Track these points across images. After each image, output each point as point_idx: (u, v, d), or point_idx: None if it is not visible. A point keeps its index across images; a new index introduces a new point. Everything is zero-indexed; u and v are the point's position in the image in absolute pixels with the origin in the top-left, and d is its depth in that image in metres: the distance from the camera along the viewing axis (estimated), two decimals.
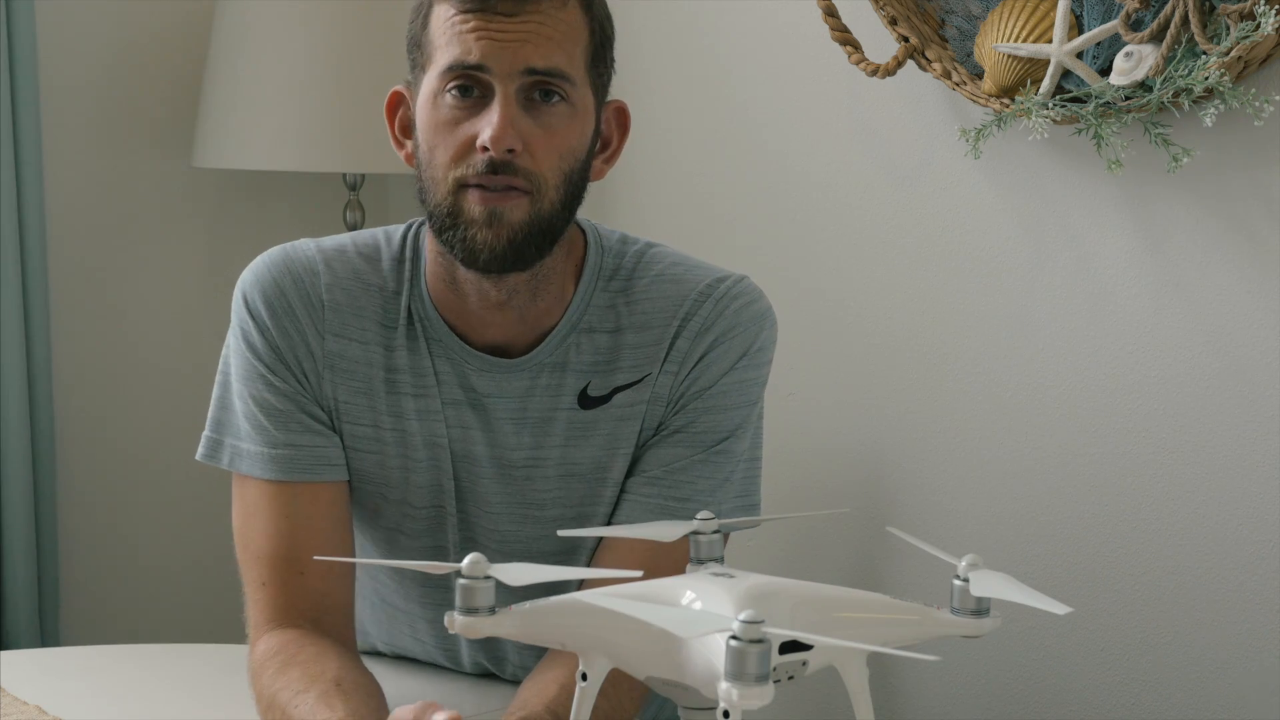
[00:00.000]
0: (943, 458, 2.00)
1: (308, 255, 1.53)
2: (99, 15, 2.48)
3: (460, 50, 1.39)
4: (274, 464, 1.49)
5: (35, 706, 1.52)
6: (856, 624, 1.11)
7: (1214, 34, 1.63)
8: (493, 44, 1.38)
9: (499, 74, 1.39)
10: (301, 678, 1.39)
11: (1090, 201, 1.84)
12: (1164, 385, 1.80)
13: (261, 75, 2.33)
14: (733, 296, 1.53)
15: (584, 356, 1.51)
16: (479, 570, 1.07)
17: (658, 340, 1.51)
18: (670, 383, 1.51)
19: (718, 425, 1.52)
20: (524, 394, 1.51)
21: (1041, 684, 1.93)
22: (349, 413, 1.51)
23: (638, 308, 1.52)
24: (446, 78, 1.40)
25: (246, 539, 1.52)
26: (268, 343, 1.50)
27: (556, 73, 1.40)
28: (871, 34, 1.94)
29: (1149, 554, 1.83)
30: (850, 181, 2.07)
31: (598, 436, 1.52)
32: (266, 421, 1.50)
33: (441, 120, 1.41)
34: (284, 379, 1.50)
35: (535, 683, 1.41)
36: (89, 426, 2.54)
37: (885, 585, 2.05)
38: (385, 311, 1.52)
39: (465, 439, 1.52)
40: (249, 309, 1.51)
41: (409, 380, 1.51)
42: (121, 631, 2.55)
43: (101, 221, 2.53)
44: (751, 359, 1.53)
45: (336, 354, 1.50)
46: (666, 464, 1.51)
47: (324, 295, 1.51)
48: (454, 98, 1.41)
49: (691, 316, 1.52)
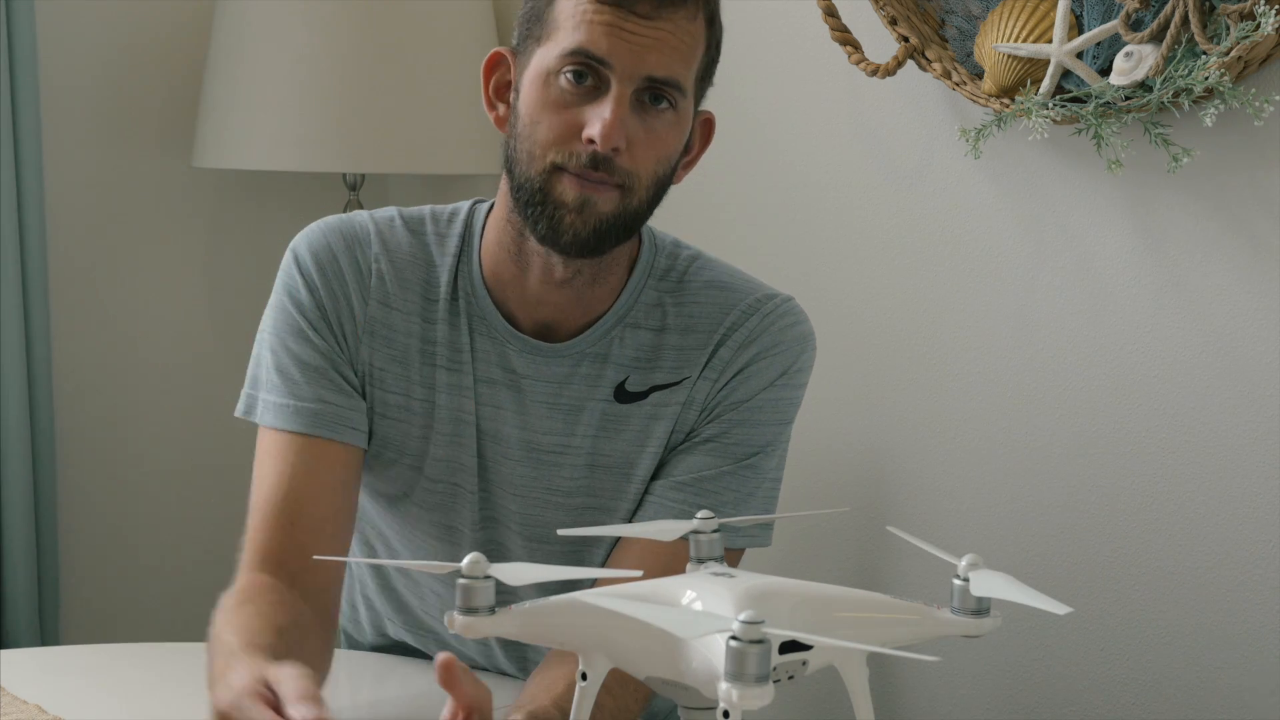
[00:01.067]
0: (943, 457, 2.00)
1: (361, 223, 1.56)
2: (99, 15, 2.48)
3: (587, 38, 1.40)
4: (296, 416, 1.51)
5: (35, 706, 1.52)
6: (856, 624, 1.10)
7: (1214, 34, 1.63)
8: (622, 42, 1.39)
9: (620, 73, 1.40)
10: (252, 615, 1.38)
11: (1090, 201, 1.84)
12: (1164, 385, 1.80)
13: (261, 75, 2.33)
14: (780, 314, 1.56)
15: (626, 350, 1.53)
16: (479, 570, 1.07)
17: (701, 345, 1.53)
18: (708, 389, 1.53)
19: (750, 439, 1.53)
20: (562, 380, 1.52)
21: (1041, 684, 1.93)
22: (381, 379, 1.53)
23: (685, 310, 1.54)
24: (566, 60, 1.41)
25: (254, 486, 1.53)
26: (315, 300, 1.52)
27: (673, 83, 1.42)
28: (871, 34, 1.95)
29: (1149, 554, 1.83)
30: (850, 181, 2.07)
31: (629, 431, 1.53)
32: (299, 374, 1.51)
33: (551, 99, 1.42)
34: (324, 336, 1.52)
35: (543, 678, 1.41)
36: (89, 426, 2.54)
37: (885, 585, 2.05)
38: (428, 284, 1.54)
39: (496, 418, 1.53)
40: (299, 265, 1.53)
41: (445, 354, 1.53)
42: (121, 631, 2.56)
43: (101, 221, 2.53)
44: (790, 378, 1.55)
45: (378, 320, 1.52)
46: (696, 471, 1.53)
47: (373, 263, 1.53)
48: (568, 81, 1.41)
49: (738, 327, 1.54)
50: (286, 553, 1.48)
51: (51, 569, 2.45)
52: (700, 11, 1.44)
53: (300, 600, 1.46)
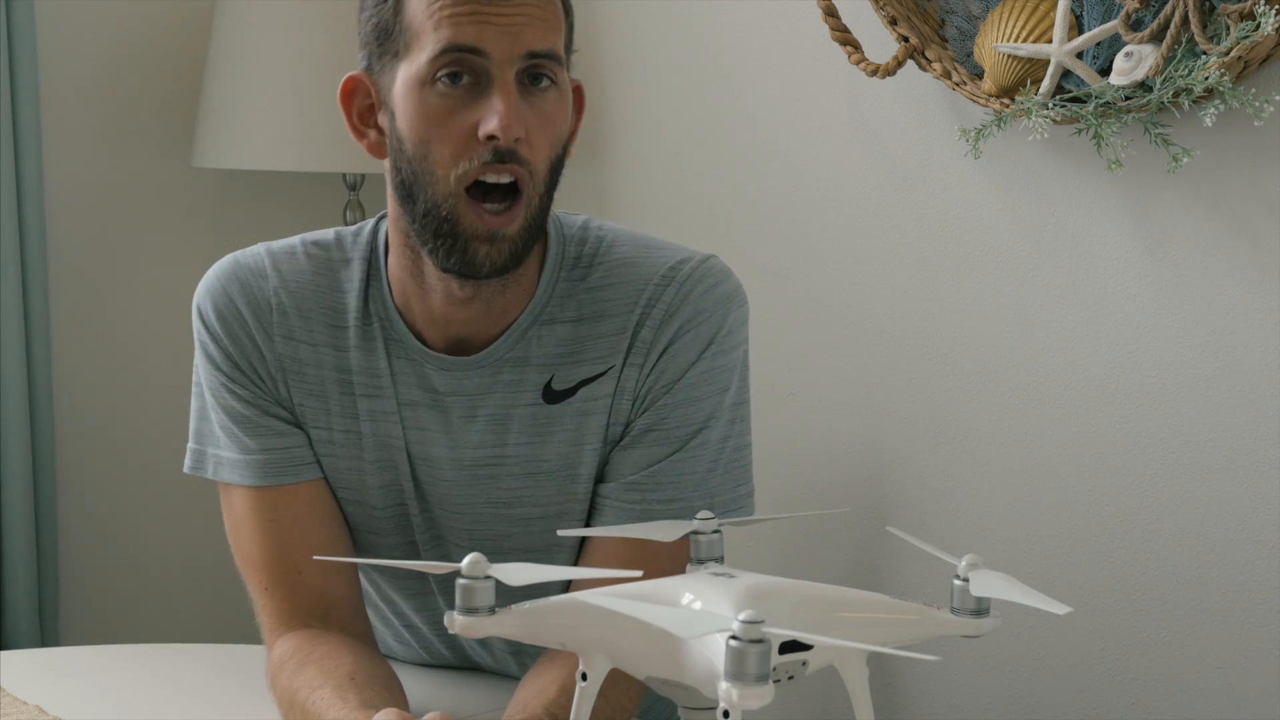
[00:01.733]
0: (942, 457, 2.00)
1: (256, 259, 1.51)
2: (99, 15, 2.48)
3: (455, 33, 1.34)
4: (251, 470, 1.49)
5: (35, 706, 1.52)
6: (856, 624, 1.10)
7: (1214, 34, 1.63)
8: (491, 27, 1.34)
9: (498, 59, 1.34)
10: (317, 674, 1.39)
11: (1090, 201, 1.84)
12: (1164, 385, 1.80)
13: (261, 75, 2.33)
14: (696, 279, 1.46)
15: (546, 349, 1.46)
16: (479, 570, 1.07)
17: (620, 329, 1.45)
18: (636, 375, 1.45)
19: (689, 418, 1.46)
20: (484, 390, 1.47)
21: (1041, 684, 1.93)
22: (304, 415, 1.50)
23: (598, 295, 1.47)
24: (438, 63, 1.34)
25: (240, 546, 1.52)
26: (223, 351, 1.49)
27: (553, 55, 1.37)
28: (871, 34, 1.95)
29: (1149, 553, 1.83)
30: (850, 181, 2.07)
31: (562, 432, 1.47)
32: (237, 429, 1.49)
33: (433, 110, 1.36)
34: (243, 385, 1.49)
35: (535, 683, 1.41)
36: (89, 426, 2.54)
37: (885, 585, 2.05)
38: (336, 311, 1.49)
39: (423, 440, 1.48)
40: (203, 320, 1.50)
41: (364, 381, 1.48)
42: (121, 631, 2.55)
43: (101, 221, 2.53)
44: (720, 345, 1.46)
45: (287, 356, 1.48)
46: (643, 466, 1.46)
47: (271, 298, 1.49)
48: (445, 85, 1.35)
49: (654, 303, 1.45)
50: (311, 602, 1.48)
51: (51, 569, 2.45)
52: None
53: (344, 636, 1.47)
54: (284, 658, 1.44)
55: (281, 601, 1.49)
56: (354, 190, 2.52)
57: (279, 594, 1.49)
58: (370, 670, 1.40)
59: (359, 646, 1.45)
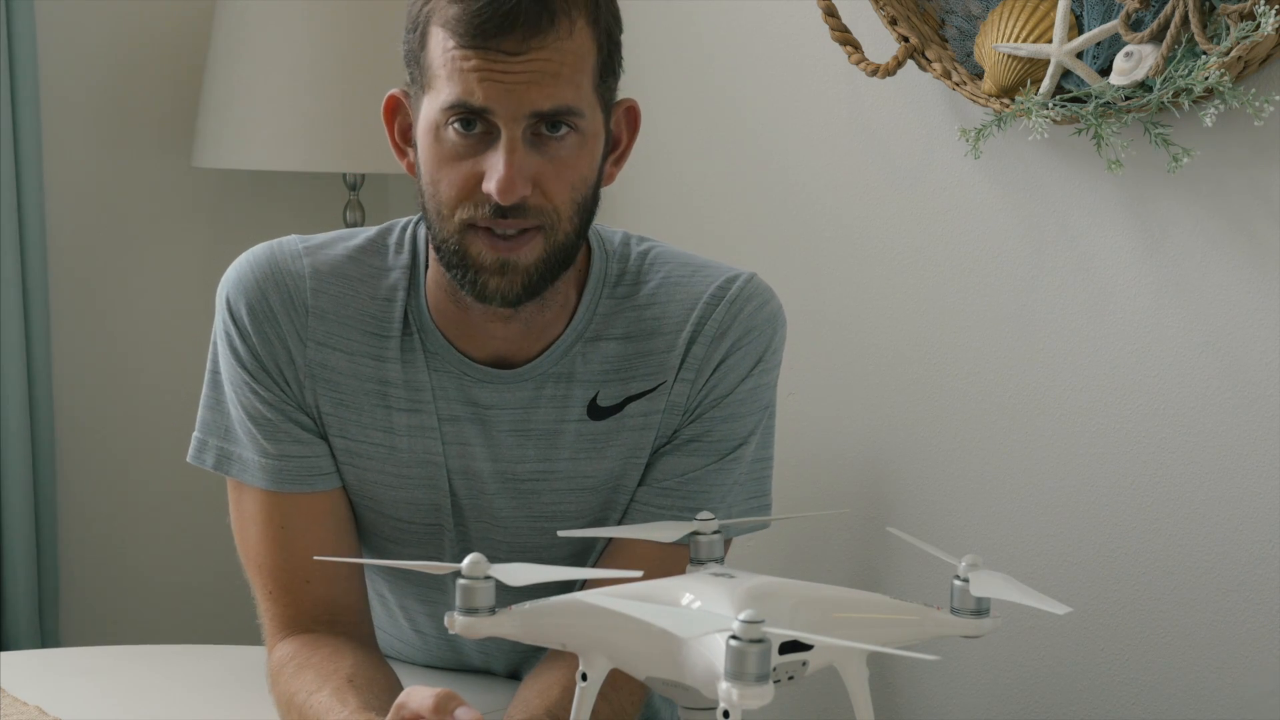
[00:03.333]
0: (943, 457, 2.00)
1: (294, 256, 1.47)
2: (99, 15, 2.48)
3: (462, 90, 1.31)
4: (266, 473, 1.46)
5: (35, 707, 1.52)
6: (856, 624, 1.11)
7: (1214, 34, 1.63)
8: (496, 86, 1.31)
9: (504, 117, 1.31)
10: (315, 677, 1.39)
11: (1090, 201, 1.84)
12: (1164, 385, 1.80)
13: (261, 75, 2.33)
14: (746, 298, 1.49)
15: (592, 366, 1.47)
16: (479, 570, 1.07)
17: (670, 347, 1.47)
18: (687, 390, 1.47)
19: (733, 433, 1.49)
20: (528, 405, 1.46)
21: (1041, 684, 1.93)
22: (331, 424, 1.47)
23: (647, 314, 1.48)
24: (447, 114, 1.33)
25: (246, 546, 1.50)
26: (250, 349, 1.45)
27: (564, 110, 1.33)
28: (871, 34, 1.94)
29: (1149, 553, 1.83)
30: (850, 181, 2.06)
31: (611, 448, 1.47)
32: (256, 430, 1.46)
33: (445, 154, 1.35)
34: (267, 387, 1.45)
35: (537, 683, 1.41)
36: (89, 427, 2.54)
37: (885, 585, 2.05)
38: (377, 320, 1.46)
39: (464, 454, 1.47)
40: (231, 313, 1.46)
41: (402, 395, 1.46)
42: (121, 632, 2.55)
43: (101, 221, 2.53)
44: (766, 362, 1.50)
45: (319, 363, 1.45)
46: (681, 474, 1.48)
47: (309, 301, 1.45)
48: (457, 133, 1.33)
49: (705, 321, 1.47)
50: (316, 608, 1.48)
51: (51, 570, 2.45)
52: (575, 21, 1.33)
53: (345, 639, 1.46)
54: (284, 660, 1.44)
55: (286, 607, 1.48)
56: (354, 190, 2.52)
57: (284, 600, 1.48)
58: (370, 673, 1.40)
59: (360, 649, 1.45)
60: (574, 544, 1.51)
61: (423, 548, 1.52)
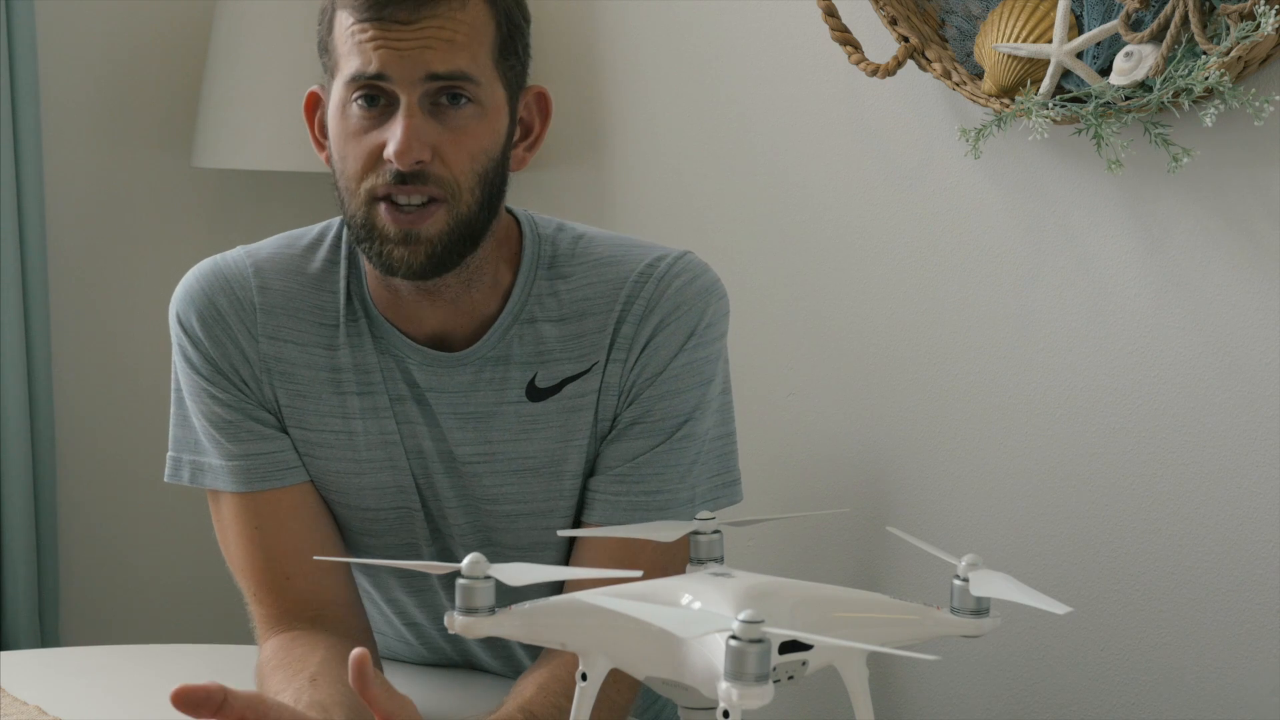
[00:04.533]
0: (943, 457, 2.00)
1: (236, 261, 1.52)
2: (99, 16, 2.48)
3: (360, 61, 1.37)
4: (233, 475, 1.49)
5: (35, 706, 1.52)
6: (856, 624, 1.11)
7: (1214, 34, 1.63)
8: (391, 53, 1.36)
9: (401, 83, 1.37)
10: (284, 677, 1.40)
11: (1090, 201, 1.84)
12: (1164, 385, 1.80)
13: (261, 75, 2.33)
14: (674, 274, 1.49)
15: (527, 348, 1.49)
16: (479, 570, 1.07)
17: (601, 327, 1.48)
18: (620, 370, 1.48)
19: (674, 410, 1.48)
20: (467, 389, 1.48)
21: (1042, 684, 1.93)
22: (290, 416, 1.50)
23: (579, 294, 1.49)
24: (351, 88, 1.39)
25: (228, 551, 1.53)
26: (203, 355, 1.49)
27: (460, 75, 1.38)
28: (871, 34, 1.94)
29: (1149, 553, 1.83)
30: (850, 181, 2.07)
31: (549, 429, 1.49)
32: (218, 434, 1.49)
33: (350, 130, 1.40)
34: (224, 389, 1.49)
35: (519, 683, 1.42)
36: (89, 427, 2.54)
37: (885, 585, 2.05)
38: (324, 310, 1.50)
39: (414, 434, 1.50)
40: (181, 324, 1.51)
41: (353, 378, 1.49)
42: (121, 632, 2.55)
43: (101, 221, 2.53)
44: (700, 337, 1.49)
45: (273, 357, 1.49)
46: (629, 458, 1.48)
47: (255, 299, 1.49)
48: (360, 107, 1.39)
49: (634, 299, 1.48)
50: (300, 606, 1.49)
51: (51, 570, 2.45)
52: None
53: (327, 635, 1.46)
54: (264, 662, 1.46)
55: (270, 607, 1.49)
56: None
57: (267, 600, 1.49)
58: (336, 671, 1.40)
59: (339, 644, 1.45)
60: (519, 535, 1.51)
61: (396, 535, 1.53)
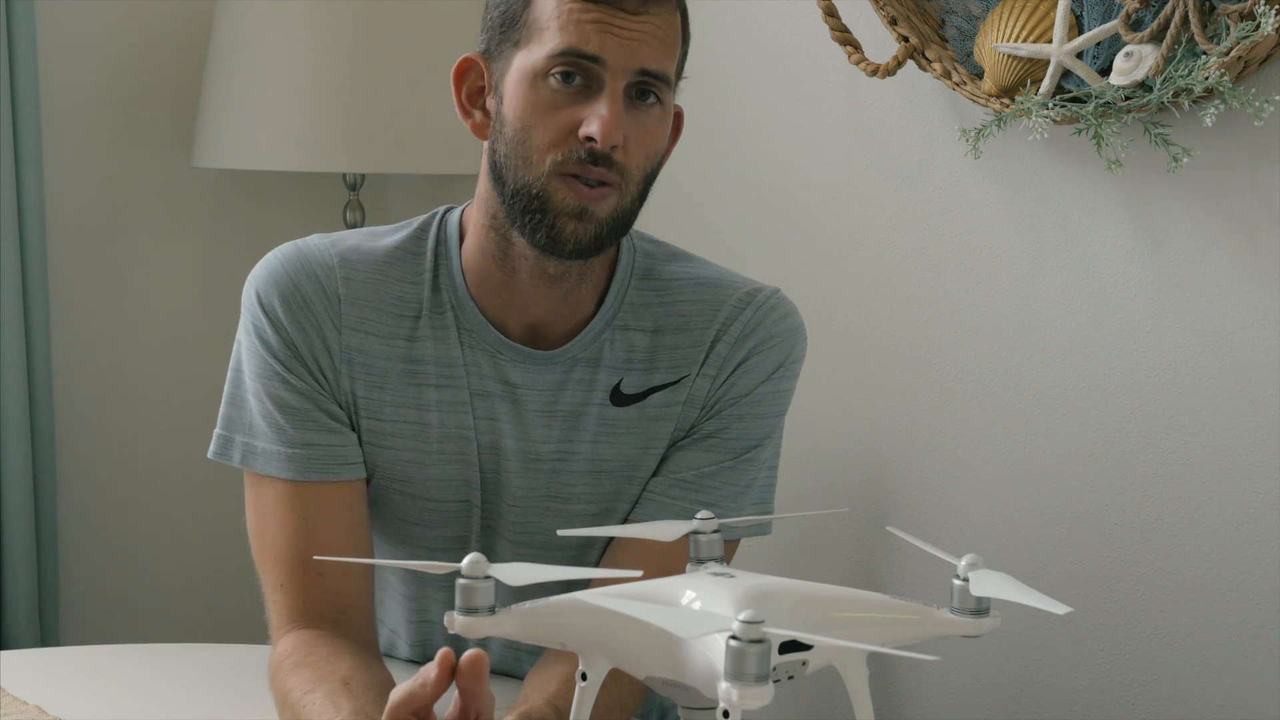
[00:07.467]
0: (943, 457, 2.00)
1: (321, 249, 1.52)
2: (99, 16, 2.48)
3: (577, 38, 1.39)
4: (291, 463, 1.49)
5: (35, 706, 1.52)
6: (856, 624, 1.11)
7: (1214, 34, 1.63)
8: (613, 39, 1.39)
9: (613, 69, 1.40)
10: (311, 677, 1.39)
11: (1090, 201, 1.84)
12: (1164, 385, 1.80)
13: (261, 75, 2.33)
14: (771, 306, 1.56)
15: (618, 353, 1.53)
16: (479, 570, 1.07)
17: (696, 343, 1.53)
18: (708, 386, 1.53)
19: (749, 433, 1.54)
20: (556, 387, 1.52)
21: (1042, 684, 1.93)
22: (365, 407, 1.51)
23: (675, 309, 1.54)
24: (555, 61, 1.40)
25: (263, 539, 1.51)
26: (283, 340, 1.49)
27: (663, 76, 1.43)
28: (871, 34, 1.95)
29: (1149, 554, 1.83)
30: (850, 182, 2.07)
31: (630, 435, 1.53)
32: (283, 419, 1.49)
33: (542, 102, 1.41)
34: (300, 376, 1.49)
35: (538, 677, 1.42)
36: (89, 426, 2.54)
37: (885, 585, 2.05)
38: (405, 301, 1.51)
39: (494, 431, 1.52)
40: (263, 305, 1.50)
41: (433, 371, 1.51)
42: (121, 632, 2.56)
43: (101, 221, 2.53)
44: (786, 370, 1.56)
45: (355, 348, 1.50)
46: (696, 468, 1.53)
47: (340, 289, 1.50)
48: (558, 81, 1.41)
49: (732, 321, 1.54)
50: (324, 603, 1.48)
51: (51, 569, 2.45)
52: (677, 5, 1.46)
53: (347, 640, 1.47)
54: (284, 656, 1.45)
55: (295, 599, 1.49)
56: (354, 190, 2.52)
57: (293, 592, 1.49)
58: (366, 677, 1.40)
59: (360, 652, 1.45)
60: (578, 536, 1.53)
61: (450, 528, 1.55)
